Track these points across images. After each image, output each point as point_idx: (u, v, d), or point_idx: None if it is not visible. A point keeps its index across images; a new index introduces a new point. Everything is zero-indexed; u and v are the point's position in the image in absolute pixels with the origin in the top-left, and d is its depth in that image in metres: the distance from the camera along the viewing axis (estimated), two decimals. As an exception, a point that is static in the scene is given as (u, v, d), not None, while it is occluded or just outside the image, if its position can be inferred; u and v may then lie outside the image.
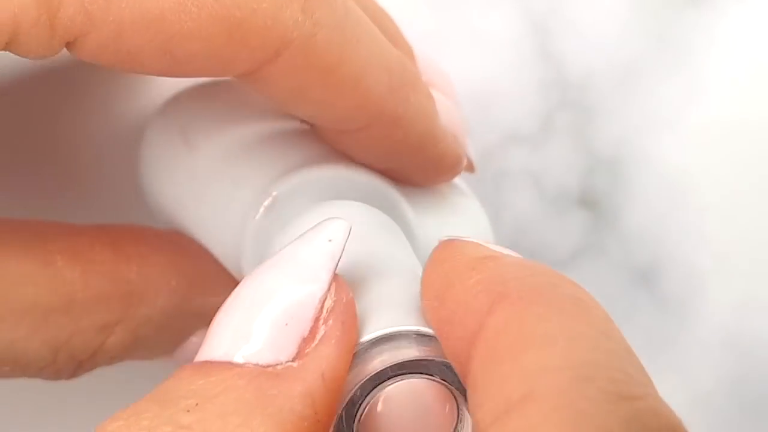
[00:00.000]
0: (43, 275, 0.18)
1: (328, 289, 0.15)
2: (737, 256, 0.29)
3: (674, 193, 0.29)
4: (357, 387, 0.15)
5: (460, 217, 0.23)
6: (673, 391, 0.29)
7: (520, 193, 0.29)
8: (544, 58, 0.29)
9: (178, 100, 0.22)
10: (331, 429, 0.15)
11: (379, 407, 0.15)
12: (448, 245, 0.16)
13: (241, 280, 0.20)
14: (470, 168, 0.24)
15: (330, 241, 0.16)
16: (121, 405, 0.14)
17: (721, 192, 0.29)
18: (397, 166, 0.20)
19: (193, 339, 0.21)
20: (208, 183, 0.21)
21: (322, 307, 0.15)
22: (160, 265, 0.20)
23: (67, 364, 0.19)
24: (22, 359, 0.18)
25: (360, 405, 0.15)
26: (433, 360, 0.15)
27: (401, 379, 0.15)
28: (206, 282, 0.21)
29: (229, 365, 0.14)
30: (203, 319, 0.20)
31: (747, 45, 0.30)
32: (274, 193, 0.20)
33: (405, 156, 0.20)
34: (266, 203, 0.20)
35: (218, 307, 0.20)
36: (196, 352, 0.20)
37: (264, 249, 0.20)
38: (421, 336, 0.15)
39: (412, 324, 0.15)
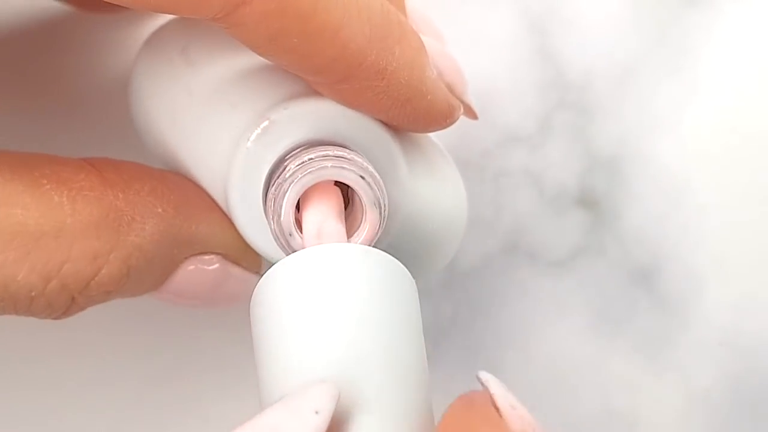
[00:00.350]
0: (30, 197, 0.18)
1: None
2: (736, 255, 0.29)
3: (673, 193, 0.29)
4: None
5: (443, 176, 0.23)
6: (671, 390, 0.29)
7: (519, 193, 0.29)
8: (543, 58, 0.29)
9: (179, 22, 0.22)
10: None
11: None
12: (476, 399, 0.15)
13: (225, 209, 0.20)
14: (472, 114, 0.24)
15: (317, 413, 0.14)
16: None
17: (720, 192, 0.29)
18: (386, 117, 0.20)
19: (179, 272, 0.20)
20: (206, 102, 0.20)
21: None
22: (144, 192, 0.20)
23: (59, 296, 0.18)
24: (12, 286, 0.18)
25: None
26: None
27: None
28: (191, 209, 0.20)
29: None
30: (190, 248, 0.20)
31: (746, 45, 0.30)
32: (272, 117, 0.19)
33: (390, 108, 0.20)
34: (263, 125, 0.19)
35: (206, 236, 0.20)
36: (180, 287, 0.20)
37: (253, 174, 0.20)
38: None
39: None
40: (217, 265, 0.21)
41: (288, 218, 0.19)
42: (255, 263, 0.21)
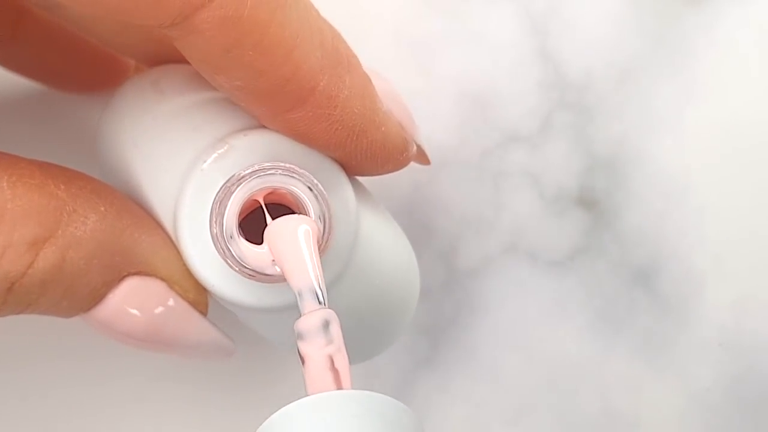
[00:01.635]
0: None
1: None
2: (735, 255, 0.29)
3: (673, 193, 0.29)
4: None
5: (394, 234, 0.23)
6: (671, 389, 0.29)
7: (519, 194, 0.29)
8: (543, 58, 0.29)
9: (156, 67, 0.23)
10: None
11: None
12: None
13: (171, 232, 0.20)
14: (424, 159, 0.24)
15: None
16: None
17: (720, 192, 0.29)
18: (342, 154, 0.20)
19: (111, 297, 0.20)
20: (169, 124, 0.21)
21: None
22: (87, 190, 0.19)
23: (0, 284, 0.18)
24: None
25: None
26: None
27: None
28: (135, 218, 0.20)
29: None
30: (132, 261, 0.20)
31: (745, 45, 0.30)
32: (232, 142, 0.20)
33: (347, 141, 0.20)
34: (221, 151, 0.20)
35: (148, 252, 0.20)
36: (119, 309, 0.20)
37: (203, 196, 0.20)
38: None
39: None
40: (159, 290, 0.20)
41: (232, 219, 0.19)
42: (200, 298, 0.21)
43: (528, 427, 0.29)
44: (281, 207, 0.20)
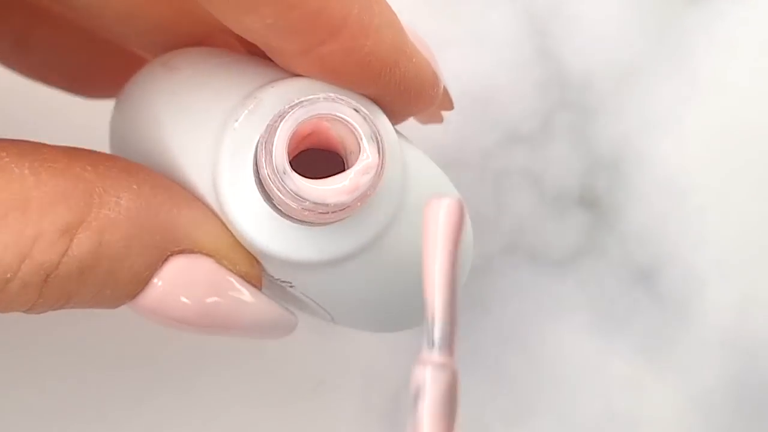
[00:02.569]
0: None
1: None
2: (737, 255, 0.29)
3: (674, 193, 0.29)
4: None
5: (432, 162, 0.21)
6: (672, 390, 0.29)
7: (519, 193, 0.29)
8: (544, 58, 0.29)
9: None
10: None
11: None
12: None
13: (213, 202, 0.19)
14: (448, 104, 0.23)
15: None
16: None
17: (721, 192, 0.29)
18: (375, 89, 0.19)
19: (157, 281, 0.18)
20: (188, 96, 0.20)
21: None
22: (116, 169, 0.18)
23: (33, 277, 0.17)
24: None
25: None
26: None
27: None
28: (171, 192, 0.19)
29: None
30: (174, 238, 0.19)
31: (746, 45, 0.30)
32: (259, 96, 0.19)
33: (381, 74, 0.19)
34: (251, 107, 0.19)
35: (190, 226, 0.19)
36: (157, 299, 0.19)
37: (241, 156, 0.19)
38: None
39: None
40: (207, 268, 0.19)
41: (281, 154, 0.17)
42: (253, 271, 0.19)
43: (529, 427, 0.29)
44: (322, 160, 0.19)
